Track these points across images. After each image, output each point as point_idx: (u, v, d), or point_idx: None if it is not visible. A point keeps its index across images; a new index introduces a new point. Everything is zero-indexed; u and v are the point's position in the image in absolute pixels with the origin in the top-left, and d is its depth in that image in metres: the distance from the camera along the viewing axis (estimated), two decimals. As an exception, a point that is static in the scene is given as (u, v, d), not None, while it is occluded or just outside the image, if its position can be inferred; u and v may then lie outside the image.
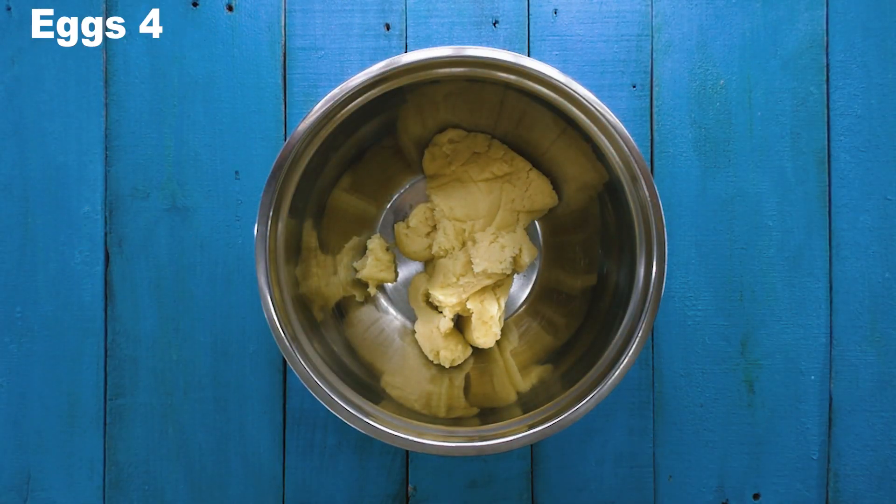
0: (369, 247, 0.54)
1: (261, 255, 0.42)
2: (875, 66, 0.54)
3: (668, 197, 0.54)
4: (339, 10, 0.54)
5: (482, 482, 0.54)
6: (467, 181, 0.52)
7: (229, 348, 0.54)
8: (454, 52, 0.41)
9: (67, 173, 0.54)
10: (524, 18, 0.55)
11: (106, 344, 0.54)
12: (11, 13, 0.54)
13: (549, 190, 0.53)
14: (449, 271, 0.51)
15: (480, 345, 0.52)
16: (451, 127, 0.52)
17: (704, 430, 0.54)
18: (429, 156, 0.53)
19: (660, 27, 0.55)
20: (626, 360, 0.42)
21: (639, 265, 0.43)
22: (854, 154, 0.54)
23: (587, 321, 0.49)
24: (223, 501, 0.54)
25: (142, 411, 0.54)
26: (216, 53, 0.54)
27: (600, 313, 0.48)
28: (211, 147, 0.54)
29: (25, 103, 0.54)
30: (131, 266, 0.54)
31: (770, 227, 0.54)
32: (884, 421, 0.54)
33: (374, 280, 0.54)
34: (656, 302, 0.42)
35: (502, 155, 0.52)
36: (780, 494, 0.54)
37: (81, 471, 0.54)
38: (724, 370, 0.54)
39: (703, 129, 0.54)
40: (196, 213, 0.54)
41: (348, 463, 0.54)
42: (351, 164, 0.50)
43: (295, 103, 0.54)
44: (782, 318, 0.54)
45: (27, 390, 0.54)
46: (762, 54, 0.54)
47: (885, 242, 0.54)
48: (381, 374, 0.49)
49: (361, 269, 0.53)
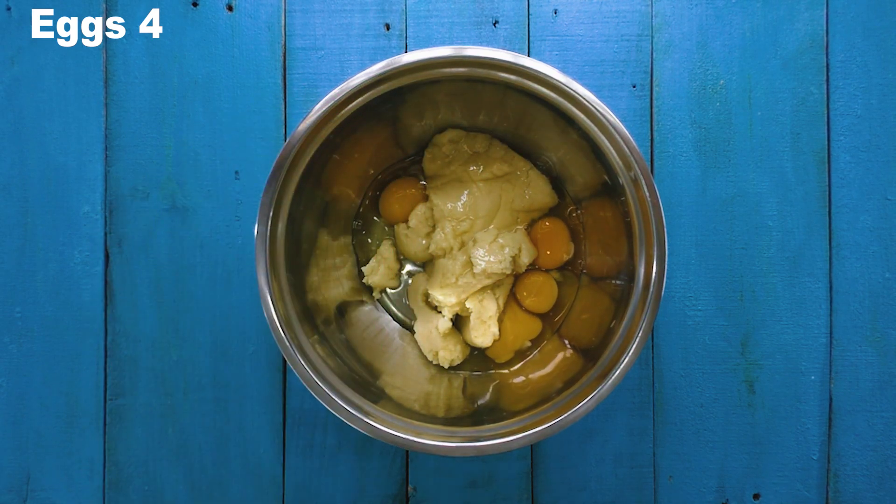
0: (382, 255, 0.54)
1: (261, 255, 0.42)
2: (875, 66, 0.54)
3: (668, 197, 0.54)
4: (339, 10, 0.54)
5: (482, 482, 0.54)
6: (467, 181, 0.52)
7: (229, 348, 0.54)
8: (454, 52, 0.41)
9: (67, 173, 0.54)
10: (524, 18, 0.55)
11: (106, 344, 0.54)
12: (11, 13, 0.54)
13: (549, 190, 0.53)
14: (448, 271, 0.51)
15: (479, 344, 0.52)
16: (451, 127, 0.52)
17: (704, 430, 0.54)
18: (429, 156, 0.53)
19: (660, 27, 0.55)
20: (626, 360, 0.42)
21: (639, 265, 0.43)
22: (854, 154, 0.54)
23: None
24: (223, 502, 0.54)
25: (142, 411, 0.54)
26: (216, 53, 0.54)
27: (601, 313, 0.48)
28: (211, 147, 0.54)
29: (25, 103, 0.54)
30: (131, 266, 0.54)
31: (770, 227, 0.54)
32: (884, 421, 0.54)
33: (382, 287, 0.54)
34: (656, 302, 0.42)
35: (502, 155, 0.52)
36: (780, 494, 0.54)
37: (81, 471, 0.54)
38: (724, 370, 0.54)
39: (703, 129, 0.54)
40: (196, 213, 0.54)
41: (348, 463, 0.54)
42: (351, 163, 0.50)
43: (295, 103, 0.54)
44: (782, 319, 0.54)
45: (27, 390, 0.54)
46: (762, 54, 0.54)
47: (885, 242, 0.54)
48: (380, 373, 0.49)
49: (370, 274, 0.53)
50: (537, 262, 0.53)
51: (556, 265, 0.53)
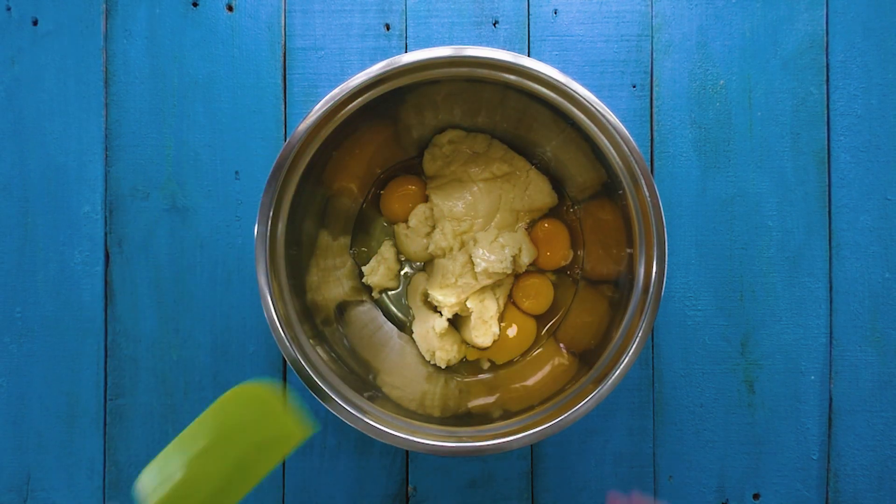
0: (382, 255, 0.54)
1: (261, 255, 0.42)
2: (875, 66, 0.54)
3: (668, 197, 0.54)
4: (339, 10, 0.54)
5: (482, 482, 0.54)
6: (467, 181, 0.52)
7: (229, 348, 0.54)
8: (454, 52, 0.41)
9: (67, 173, 0.54)
10: (524, 18, 0.55)
11: (106, 344, 0.54)
12: (11, 13, 0.54)
13: (549, 189, 0.53)
14: (448, 271, 0.51)
15: (479, 344, 0.52)
16: (451, 127, 0.52)
17: (704, 430, 0.54)
18: (429, 156, 0.53)
19: (660, 27, 0.55)
20: (626, 361, 0.42)
21: (639, 265, 0.43)
22: (854, 154, 0.54)
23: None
24: (223, 501, 0.54)
25: (142, 411, 0.54)
26: (216, 53, 0.54)
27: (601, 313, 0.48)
28: (211, 147, 0.54)
29: (25, 103, 0.54)
30: (131, 266, 0.54)
31: (770, 227, 0.54)
32: (884, 421, 0.54)
33: (382, 287, 0.54)
34: (656, 302, 0.42)
35: (502, 155, 0.52)
36: (780, 494, 0.54)
37: (81, 471, 0.54)
38: (724, 370, 0.54)
39: (703, 129, 0.54)
40: (196, 213, 0.54)
41: (348, 463, 0.54)
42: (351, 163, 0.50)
43: (295, 103, 0.54)
44: (782, 318, 0.54)
45: (27, 390, 0.54)
46: (762, 54, 0.54)
47: (885, 242, 0.54)
48: (378, 372, 0.49)
49: (370, 274, 0.53)
50: (537, 263, 0.53)
51: (555, 266, 0.53)
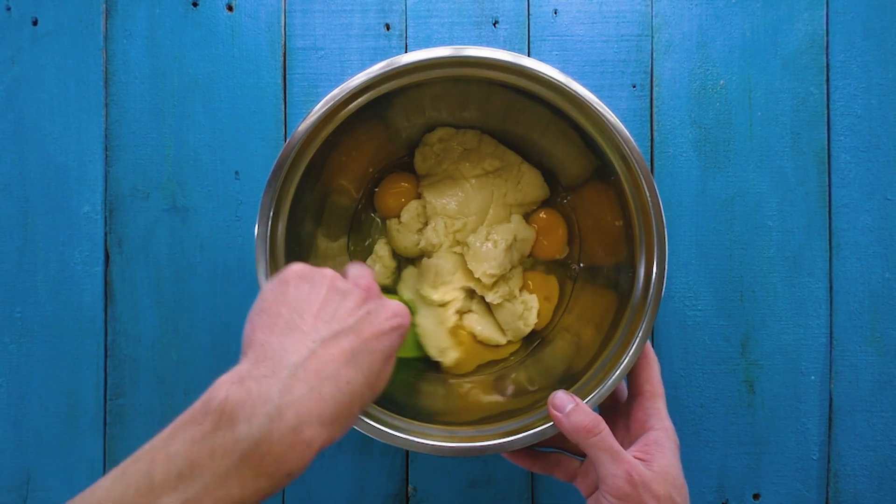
0: (378, 253, 0.53)
1: (261, 255, 0.42)
2: (875, 66, 0.54)
3: (668, 197, 0.54)
4: (339, 10, 0.54)
5: (482, 482, 0.54)
6: (459, 178, 0.52)
7: (229, 348, 0.54)
8: (454, 52, 0.41)
9: (67, 173, 0.54)
10: (524, 18, 0.55)
11: (106, 344, 0.54)
12: (11, 13, 0.54)
13: (541, 182, 0.52)
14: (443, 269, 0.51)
15: (522, 330, 0.51)
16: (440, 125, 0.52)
17: (704, 430, 0.54)
18: (419, 156, 0.53)
19: (660, 27, 0.55)
20: (626, 361, 0.42)
21: (639, 265, 0.43)
22: (854, 154, 0.54)
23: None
24: (223, 501, 0.54)
25: (142, 411, 0.54)
26: (216, 53, 0.54)
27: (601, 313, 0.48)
28: (211, 147, 0.54)
29: (25, 103, 0.54)
30: (131, 266, 0.54)
31: (770, 227, 0.54)
32: (884, 421, 0.54)
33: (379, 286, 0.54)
34: (656, 302, 0.42)
35: (493, 150, 0.52)
36: (780, 494, 0.54)
37: (81, 471, 0.54)
38: (724, 370, 0.54)
39: (703, 129, 0.54)
40: (196, 213, 0.54)
41: (348, 463, 0.54)
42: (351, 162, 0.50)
43: (295, 103, 0.54)
44: (782, 319, 0.54)
45: (27, 390, 0.54)
46: (762, 54, 0.54)
47: (885, 242, 0.54)
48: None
49: None
50: (535, 254, 0.53)
51: (554, 255, 0.53)
